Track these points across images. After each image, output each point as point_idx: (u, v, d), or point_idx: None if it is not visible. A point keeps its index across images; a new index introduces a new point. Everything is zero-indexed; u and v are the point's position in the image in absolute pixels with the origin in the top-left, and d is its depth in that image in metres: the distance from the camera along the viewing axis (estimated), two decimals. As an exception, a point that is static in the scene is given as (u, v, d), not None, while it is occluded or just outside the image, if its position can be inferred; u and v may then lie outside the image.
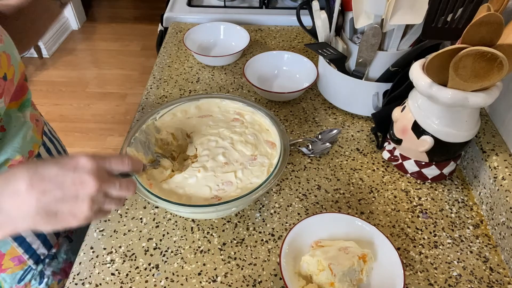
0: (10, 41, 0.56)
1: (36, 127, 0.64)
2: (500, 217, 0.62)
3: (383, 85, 0.78)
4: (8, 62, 0.54)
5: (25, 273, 0.65)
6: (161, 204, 0.57)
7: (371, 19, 0.70)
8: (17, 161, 0.58)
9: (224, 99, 0.75)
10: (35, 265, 0.66)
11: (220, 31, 1.08)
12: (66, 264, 0.72)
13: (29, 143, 0.61)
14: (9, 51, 0.55)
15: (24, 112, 0.61)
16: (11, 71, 0.55)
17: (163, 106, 0.73)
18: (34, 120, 0.63)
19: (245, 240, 0.64)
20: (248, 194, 0.58)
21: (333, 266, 0.52)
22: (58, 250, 0.70)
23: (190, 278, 0.59)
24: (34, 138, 0.62)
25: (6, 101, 0.54)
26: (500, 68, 0.52)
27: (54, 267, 0.69)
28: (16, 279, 0.64)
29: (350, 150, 0.79)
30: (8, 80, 0.54)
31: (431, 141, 0.65)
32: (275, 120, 0.70)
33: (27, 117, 0.61)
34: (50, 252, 0.69)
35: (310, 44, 0.78)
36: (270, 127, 0.71)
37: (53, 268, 0.69)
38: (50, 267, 0.69)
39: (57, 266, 0.70)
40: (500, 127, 0.72)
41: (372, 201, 0.70)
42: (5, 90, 0.53)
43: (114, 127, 2.24)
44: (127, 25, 3.09)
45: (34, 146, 0.62)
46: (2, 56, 0.53)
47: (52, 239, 0.68)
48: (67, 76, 2.54)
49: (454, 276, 0.59)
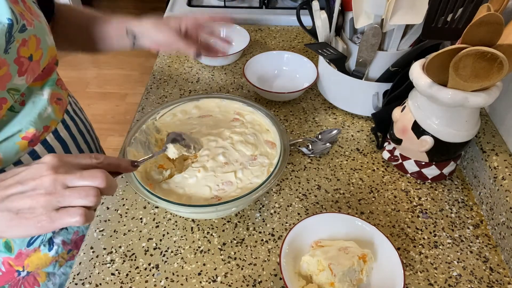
0: (42, 26, 0.59)
1: (57, 105, 0.65)
2: (500, 217, 0.62)
3: (383, 85, 0.78)
4: (37, 45, 0.57)
5: (34, 238, 0.66)
6: (161, 204, 0.57)
7: (371, 19, 0.70)
8: (31, 133, 0.59)
9: (224, 99, 0.75)
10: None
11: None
12: (78, 237, 0.73)
13: (46, 119, 0.62)
14: (39, 35, 0.58)
15: (45, 90, 0.63)
16: (39, 54, 0.58)
17: (163, 106, 0.73)
18: (54, 99, 0.65)
19: (245, 240, 0.64)
20: (248, 194, 0.58)
21: (333, 266, 0.52)
22: None
23: (190, 278, 0.59)
24: (52, 115, 0.64)
25: (28, 79, 0.57)
26: (500, 68, 0.52)
27: (64, 237, 0.70)
28: (25, 242, 0.65)
29: (350, 150, 0.79)
30: (34, 61, 0.57)
31: (431, 141, 0.65)
32: (275, 120, 0.70)
33: (47, 95, 0.63)
34: None
35: (310, 44, 0.78)
36: (270, 127, 0.71)
37: (63, 237, 0.70)
38: (60, 236, 0.69)
39: (67, 236, 0.70)
40: (500, 127, 0.72)
41: (372, 201, 0.70)
42: (29, 69, 0.56)
43: (114, 127, 2.24)
44: (127, 25, 3.09)
45: (52, 122, 0.64)
46: (32, 39, 0.56)
47: None
48: (67, 76, 2.54)
49: (454, 276, 0.59)
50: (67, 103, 0.70)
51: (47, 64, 0.62)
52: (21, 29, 0.54)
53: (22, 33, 0.54)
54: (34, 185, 0.41)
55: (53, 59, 0.65)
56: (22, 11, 0.55)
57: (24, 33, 0.54)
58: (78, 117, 0.74)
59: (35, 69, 0.58)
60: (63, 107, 0.68)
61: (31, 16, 0.57)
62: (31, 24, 0.56)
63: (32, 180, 0.41)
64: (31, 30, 0.56)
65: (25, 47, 0.55)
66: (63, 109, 0.68)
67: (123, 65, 2.68)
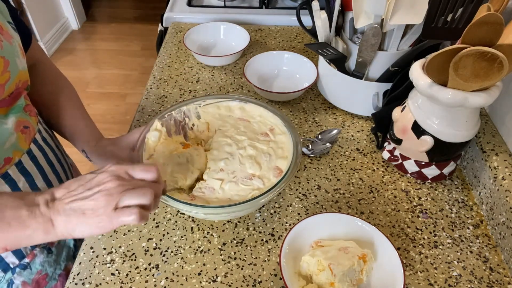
0: (12, 48, 0.56)
1: (23, 134, 0.62)
2: (500, 217, 0.62)
3: (383, 85, 0.78)
4: (4, 67, 0.55)
5: None
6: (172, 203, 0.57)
7: (371, 19, 0.70)
8: None
9: (268, 110, 0.72)
10: (2, 273, 0.63)
11: (220, 31, 1.08)
12: (40, 276, 0.68)
13: (8, 150, 0.59)
14: (8, 57, 0.55)
15: (9, 118, 0.59)
16: (5, 77, 0.55)
17: (211, 96, 0.74)
18: (20, 127, 0.61)
19: (245, 240, 0.64)
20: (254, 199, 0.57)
21: (333, 266, 0.52)
22: (32, 260, 0.66)
23: (190, 278, 0.59)
24: (16, 145, 0.60)
25: None
26: (500, 68, 0.52)
27: (25, 277, 0.66)
28: None
29: (350, 150, 0.79)
30: None
31: (431, 141, 0.65)
32: (298, 151, 0.64)
33: (10, 124, 0.59)
34: (22, 261, 0.65)
35: (310, 44, 0.78)
36: (289, 156, 0.65)
37: (24, 278, 0.66)
38: (21, 277, 0.65)
39: (29, 276, 0.66)
40: (500, 127, 0.72)
41: (372, 201, 0.70)
42: None
43: (114, 127, 2.24)
44: (127, 25, 3.10)
45: (15, 153, 0.60)
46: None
47: (24, 249, 0.65)
48: (67, 76, 2.52)
49: (454, 276, 0.59)
50: (35, 131, 0.66)
51: (15, 89, 0.58)
52: None
53: None
54: (98, 190, 0.46)
55: (23, 83, 0.61)
56: None
57: None
58: (48, 145, 0.70)
59: None
60: (30, 136, 0.64)
61: (1, 36, 0.54)
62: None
63: (97, 186, 0.46)
64: None
65: None
66: (30, 138, 0.64)
67: (123, 65, 2.68)
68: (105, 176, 0.47)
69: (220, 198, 0.61)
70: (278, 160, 0.65)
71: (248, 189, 0.61)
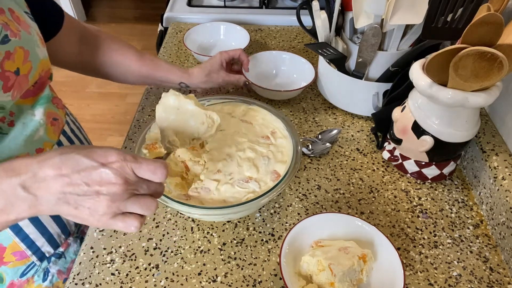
0: (31, 38, 0.56)
1: (52, 126, 0.62)
2: (500, 217, 0.62)
3: (383, 85, 0.78)
4: (24, 58, 0.54)
5: (28, 269, 0.65)
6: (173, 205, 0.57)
7: (371, 19, 0.70)
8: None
9: (272, 114, 0.72)
10: (39, 262, 0.66)
11: (220, 31, 1.08)
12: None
13: (38, 142, 0.59)
14: (27, 47, 0.55)
15: (36, 109, 0.60)
16: (27, 67, 0.55)
17: (220, 96, 0.75)
18: (50, 119, 0.62)
19: (245, 240, 0.64)
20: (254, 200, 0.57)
21: (333, 266, 0.52)
22: (66, 249, 0.69)
23: (190, 278, 0.59)
24: (45, 137, 0.61)
25: (14, 95, 0.53)
26: (500, 68, 0.52)
27: (60, 266, 0.69)
28: (18, 273, 0.64)
29: (350, 150, 0.79)
30: (21, 75, 0.54)
31: (431, 141, 0.65)
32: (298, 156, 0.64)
33: (39, 115, 0.59)
34: (57, 251, 0.68)
35: (310, 44, 0.78)
36: (289, 160, 0.65)
37: (59, 267, 0.69)
38: (56, 266, 0.68)
39: (64, 265, 0.69)
40: (500, 127, 0.72)
41: (372, 201, 0.70)
42: (16, 84, 0.53)
43: (114, 127, 2.24)
44: (127, 25, 3.09)
45: (45, 144, 0.61)
46: (18, 51, 0.53)
47: (59, 238, 0.68)
48: (67, 76, 2.54)
49: (454, 276, 0.59)
50: (63, 123, 0.67)
51: (38, 78, 0.59)
52: (3, 40, 0.51)
53: (4, 44, 0.51)
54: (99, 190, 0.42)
55: (46, 72, 0.61)
56: (7, 22, 0.52)
57: (6, 44, 0.51)
58: (77, 137, 0.71)
59: (22, 84, 0.55)
60: (59, 128, 0.65)
61: (18, 27, 0.54)
62: (15, 35, 0.53)
63: (98, 185, 0.42)
64: (15, 42, 0.52)
65: (10, 60, 0.52)
66: (59, 130, 0.65)
67: (123, 65, 2.67)
68: (110, 175, 0.42)
69: (215, 199, 0.60)
70: (276, 164, 0.65)
71: (243, 191, 0.61)
